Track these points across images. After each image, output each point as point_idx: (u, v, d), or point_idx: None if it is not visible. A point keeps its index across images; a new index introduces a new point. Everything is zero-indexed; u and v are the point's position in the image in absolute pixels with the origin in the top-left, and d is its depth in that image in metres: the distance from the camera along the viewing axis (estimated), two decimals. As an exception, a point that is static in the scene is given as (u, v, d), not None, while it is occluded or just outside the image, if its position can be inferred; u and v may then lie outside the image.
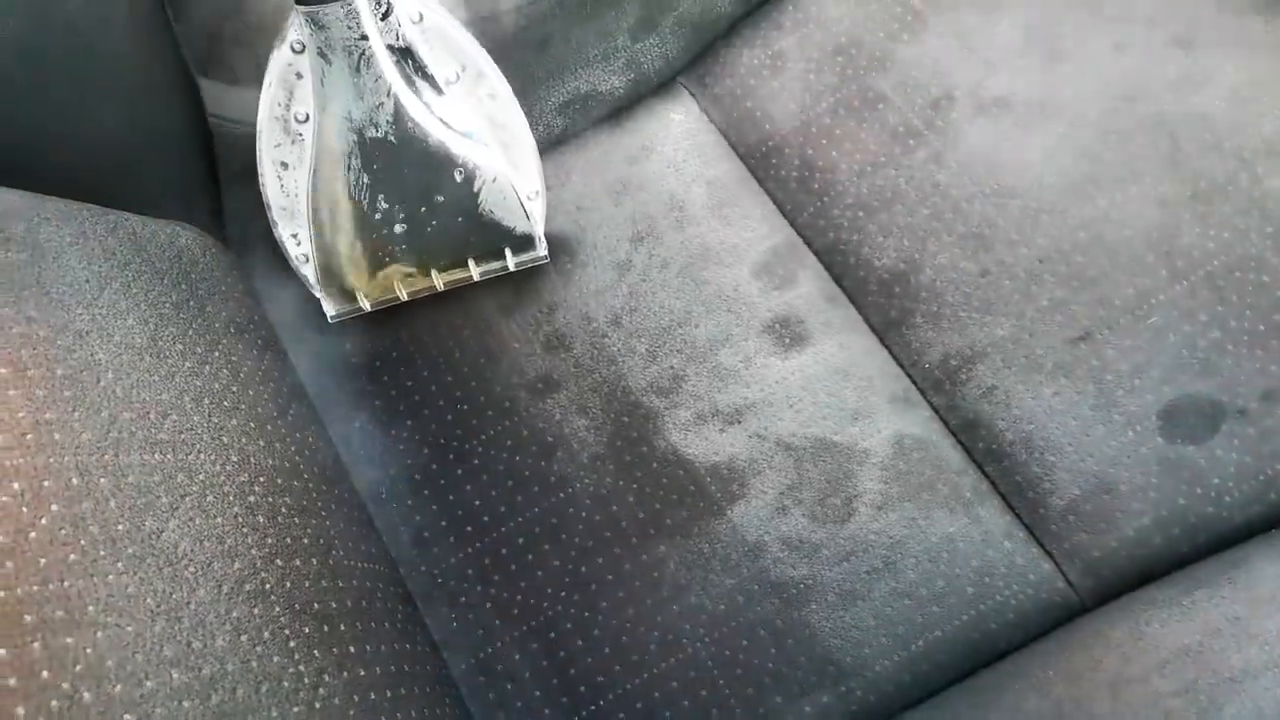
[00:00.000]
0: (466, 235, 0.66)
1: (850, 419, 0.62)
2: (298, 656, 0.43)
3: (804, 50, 0.71)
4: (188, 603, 0.40)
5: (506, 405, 0.64)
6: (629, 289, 0.67)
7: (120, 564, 0.39)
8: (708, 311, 0.65)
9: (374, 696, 0.46)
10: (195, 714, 0.37)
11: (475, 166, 0.63)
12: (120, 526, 0.40)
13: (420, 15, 0.60)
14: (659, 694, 0.56)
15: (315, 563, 0.48)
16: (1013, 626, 0.57)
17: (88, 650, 0.35)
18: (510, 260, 0.67)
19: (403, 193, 0.64)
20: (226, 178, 0.70)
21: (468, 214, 0.65)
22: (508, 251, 0.67)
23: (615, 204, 0.69)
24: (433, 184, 0.64)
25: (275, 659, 0.42)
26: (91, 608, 0.36)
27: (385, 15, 0.59)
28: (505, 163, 0.65)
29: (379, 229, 0.65)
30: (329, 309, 0.67)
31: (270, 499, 0.49)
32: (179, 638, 0.39)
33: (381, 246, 0.65)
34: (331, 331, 0.67)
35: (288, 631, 0.43)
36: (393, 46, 0.60)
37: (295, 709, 0.41)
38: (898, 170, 0.67)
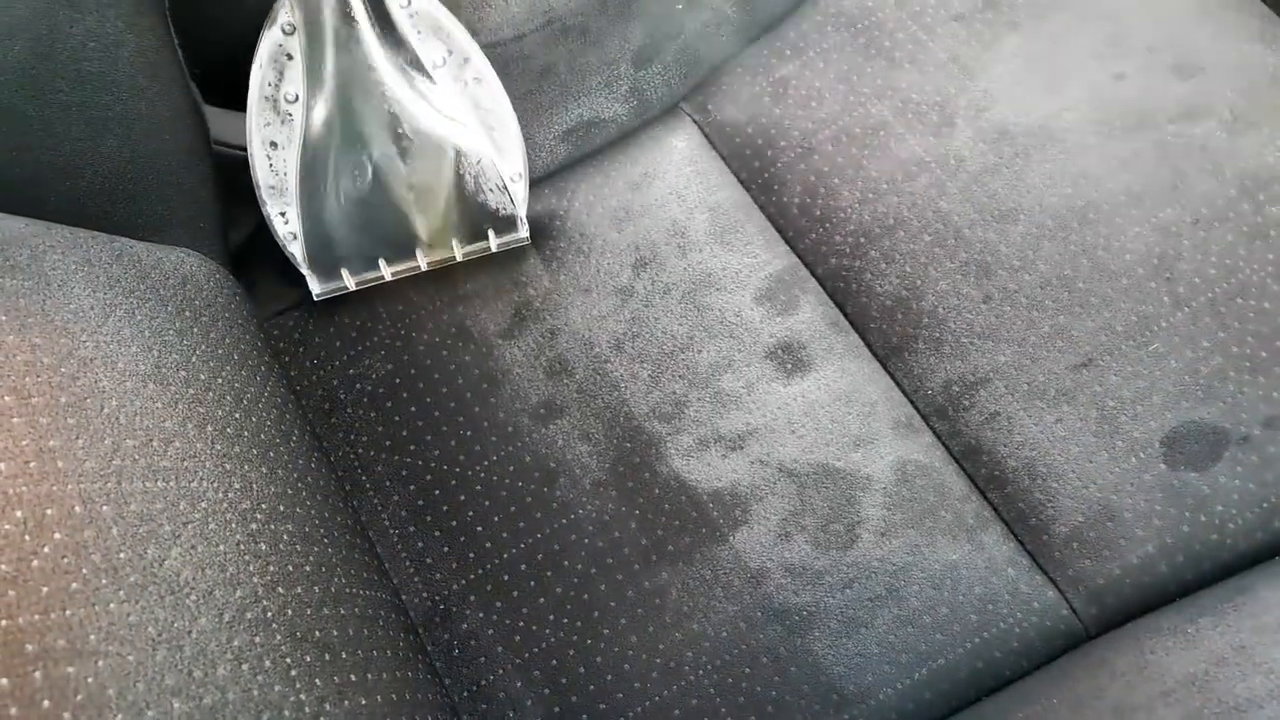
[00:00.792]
0: (450, 216, 0.68)
1: (853, 445, 0.62)
2: (299, 685, 0.43)
3: (805, 78, 0.72)
4: (189, 631, 0.40)
5: (509, 430, 0.64)
6: (631, 315, 0.67)
7: (122, 592, 0.39)
8: (710, 337, 0.66)
9: (375, 725, 0.46)
10: (196, 744, 0.37)
11: (460, 148, 0.65)
12: (122, 555, 0.40)
13: (408, 0, 0.62)
14: (661, 722, 0.56)
15: (317, 590, 0.48)
16: (1016, 654, 0.56)
17: (89, 679, 0.35)
18: (493, 241, 0.69)
19: (389, 173, 0.66)
20: (231, 204, 0.70)
21: (452, 195, 0.67)
22: (490, 233, 0.69)
23: (618, 230, 0.69)
24: (418, 165, 0.66)
25: (276, 688, 0.42)
26: (93, 636, 0.36)
27: None
28: (490, 145, 0.67)
29: (365, 208, 0.66)
30: (314, 287, 0.68)
31: (272, 526, 0.49)
32: (180, 666, 0.38)
33: (367, 226, 0.67)
34: (335, 357, 0.68)
35: (289, 660, 0.43)
36: (381, 30, 0.62)
37: (296, 738, 0.41)
38: (899, 197, 0.67)
